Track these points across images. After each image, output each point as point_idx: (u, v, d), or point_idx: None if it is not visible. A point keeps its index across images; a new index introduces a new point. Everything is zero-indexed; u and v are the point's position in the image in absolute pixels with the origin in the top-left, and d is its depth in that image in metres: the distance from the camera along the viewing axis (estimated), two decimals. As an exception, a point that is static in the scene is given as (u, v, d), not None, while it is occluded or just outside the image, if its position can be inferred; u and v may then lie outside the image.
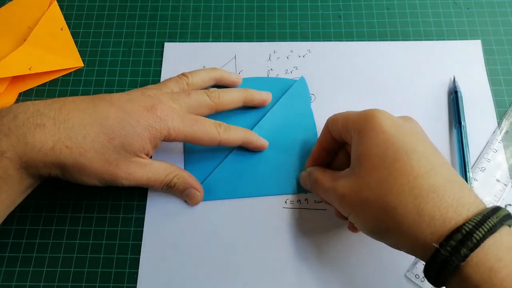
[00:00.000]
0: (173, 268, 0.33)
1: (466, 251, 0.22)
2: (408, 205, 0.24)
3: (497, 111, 0.39)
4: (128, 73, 0.41)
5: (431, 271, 0.24)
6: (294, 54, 0.42)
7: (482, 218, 0.23)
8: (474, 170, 0.36)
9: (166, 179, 0.33)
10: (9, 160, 0.27)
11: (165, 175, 0.33)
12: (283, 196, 0.36)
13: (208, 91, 0.35)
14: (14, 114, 0.28)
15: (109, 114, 0.30)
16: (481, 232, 0.22)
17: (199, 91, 0.35)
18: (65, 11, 0.44)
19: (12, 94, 0.40)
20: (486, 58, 0.41)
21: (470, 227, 0.22)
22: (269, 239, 0.34)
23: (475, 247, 0.22)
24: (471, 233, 0.22)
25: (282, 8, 0.44)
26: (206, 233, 0.34)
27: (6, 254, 0.34)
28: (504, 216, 0.23)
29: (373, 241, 0.32)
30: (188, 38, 0.43)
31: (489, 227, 0.22)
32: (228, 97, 0.36)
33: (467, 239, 0.22)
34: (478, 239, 0.22)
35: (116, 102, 0.31)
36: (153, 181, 0.32)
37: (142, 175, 0.32)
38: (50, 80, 0.41)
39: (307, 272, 0.33)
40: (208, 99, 0.35)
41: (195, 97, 0.34)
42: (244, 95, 0.37)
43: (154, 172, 0.32)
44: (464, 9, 0.44)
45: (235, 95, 0.37)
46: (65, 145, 0.28)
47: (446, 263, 0.23)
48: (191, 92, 0.34)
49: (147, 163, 0.32)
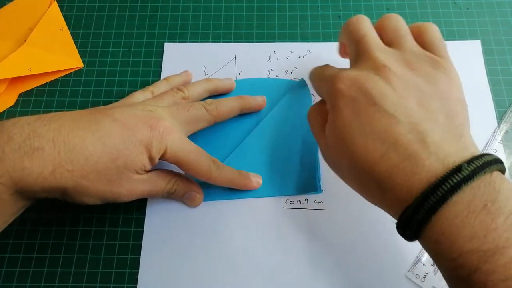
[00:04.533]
0: (173, 268, 0.33)
1: (410, 233, 0.23)
2: (375, 192, 0.26)
3: (497, 111, 0.39)
4: (128, 73, 0.41)
5: (406, 218, 0.24)
6: (294, 55, 0.42)
7: (425, 194, 0.22)
8: (474, 170, 0.36)
9: (167, 188, 0.33)
10: (2, 185, 0.26)
11: (165, 184, 0.33)
12: (283, 196, 0.36)
13: (205, 103, 0.35)
14: (9, 135, 0.26)
15: (113, 132, 0.29)
16: (420, 214, 0.23)
17: (197, 105, 0.35)
18: (65, 12, 0.44)
19: (12, 94, 0.40)
20: (485, 58, 0.41)
21: (412, 208, 0.23)
22: (269, 239, 0.34)
23: (419, 227, 0.23)
24: (412, 215, 0.23)
25: (282, 9, 0.44)
26: (206, 233, 0.34)
27: (6, 255, 0.34)
28: (453, 186, 0.22)
29: (374, 241, 0.32)
30: (188, 38, 0.43)
31: (430, 205, 0.22)
32: (225, 108, 0.36)
33: (410, 221, 0.23)
34: (418, 221, 0.23)
35: (120, 117, 0.30)
36: (155, 192, 0.32)
37: (144, 190, 0.31)
38: (50, 81, 0.41)
39: (307, 272, 0.33)
40: (207, 113, 0.35)
41: (194, 112, 0.34)
42: (241, 104, 0.37)
43: (154, 184, 0.32)
44: (463, 9, 0.44)
45: (232, 104, 0.37)
46: (66, 169, 0.27)
47: (420, 206, 0.23)
48: (190, 108, 0.34)
49: (146, 177, 0.31)
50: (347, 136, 0.26)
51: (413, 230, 0.23)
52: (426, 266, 0.33)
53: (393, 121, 0.25)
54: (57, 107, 0.40)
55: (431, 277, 0.32)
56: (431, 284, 0.32)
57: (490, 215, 0.21)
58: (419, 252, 0.33)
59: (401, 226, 0.24)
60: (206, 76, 0.41)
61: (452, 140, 0.25)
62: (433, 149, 0.24)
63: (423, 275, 0.32)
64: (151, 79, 0.41)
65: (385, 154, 0.25)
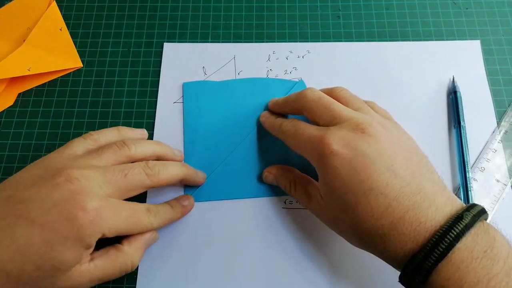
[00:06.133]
0: (172, 269, 0.33)
1: (420, 279, 0.24)
2: (377, 244, 0.26)
3: (496, 111, 0.39)
4: (127, 73, 0.41)
5: (415, 265, 0.25)
6: (293, 55, 0.42)
7: (434, 242, 0.24)
8: (473, 170, 0.36)
9: (121, 268, 0.29)
10: None
11: (118, 267, 0.29)
12: (283, 196, 0.36)
13: (147, 167, 0.30)
14: None
15: (32, 240, 0.25)
16: (431, 260, 0.23)
17: (137, 169, 0.30)
18: (64, 12, 0.44)
19: (11, 94, 0.40)
20: (485, 58, 0.41)
21: (422, 255, 0.24)
22: (268, 239, 0.34)
23: (428, 273, 0.24)
24: (422, 262, 0.24)
25: (281, 9, 0.44)
26: (205, 233, 0.34)
27: None
28: (458, 233, 0.24)
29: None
30: (187, 38, 0.43)
31: (440, 252, 0.23)
32: (167, 176, 0.31)
33: (420, 268, 0.24)
34: (428, 267, 0.24)
35: (36, 216, 0.25)
36: (108, 277, 0.29)
37: (92, 279, 0.28)
38: (49, 81, 0.41)
39: (307, 273, 0.33)
40: (147, 178, 0.30)
41: (131, 179, 0.29)
42: (185, 174, 0.33)
43: (103, 270, 0.28)
44: (463, 9, 0.44)
45: (176, 172, 0.32)
46: None
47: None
48: (128, 173, 0.29)
49: (91, 267, 0.28)
50: (348, 194, 0.27)
51: (422, 276, 0.24)
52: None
53: (393, 176, 0.26)
54: (56, 107, 0.40)
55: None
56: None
57: (490, 260, 0.23)
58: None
59: (409, 273, 0.25)
60: (205, 76, 0.41)
61: (440, 191, 0.27)
62: (431, 199, 0.26)
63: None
64: (150, 79, 0.41)
65: (389, 207, 0.26)
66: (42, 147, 0.38)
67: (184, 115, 0.39)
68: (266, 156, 0.37)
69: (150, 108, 0.39)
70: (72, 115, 0.39)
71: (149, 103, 0.40)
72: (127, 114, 0.39)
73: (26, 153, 0.38)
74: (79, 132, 0.38)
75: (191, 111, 0.39)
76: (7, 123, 0.39)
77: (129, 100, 0.40)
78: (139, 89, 0.40)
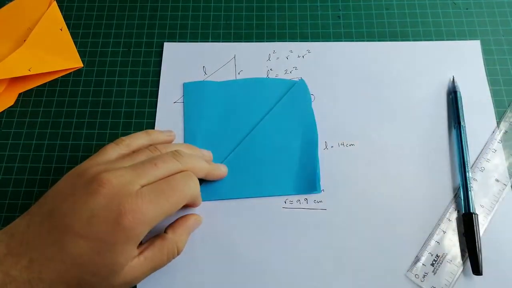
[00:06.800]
0: (172, 268, 0.33)
1: None
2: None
3: (496, 111, 0.39)
4: (128, 73, 0.41)
5: None
6: (294, 54, 0.42)
7: None
8: (473, 170, 0.36)
9: (169, 255, 0.30)
10: None
11: (166, 254, 0.30)
12: (283, 196, 0.36)
13: (175, 155, 0.31)
14: None
15: (82, 252, 0.26)
16: None
17: (166, 157, 0.30)
18: (65, 12, 0.44)
19: (12, 94, 0.40)
20: (485, 58, 0.41)
21: None
22: (268, 239, 0.34)
23: None
24: None
25: (281, 9, 0.44)
26: (205, 233, 0.34)
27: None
28: None
29: (373, 241, 0.32)
30: (188, 38, 0.43)
31: None
32: (194, 165, 0.31)
33: None
34: None
35: (81, 229, 0.26)
36: (156, 267, 0.30)
37: (144, 272, 0.29)
38: (49, 81, 0.41)
39: (307, 272, 0.33)
40: (180, 165, 0.30)
41: (163, 166, 0.29)
42: (209, 169, 0.33)
43: (152, 261, 0.29)
44: (463, 9, 0.44)
45: (203, 165, 0.33)
46: None
47: None
48: (157, 162, 0.29)
49: (141, 260, 0.28)
50: None
51: None
52: (426, 266, 0.33)
53: None
54: (56, 107, 0.40)
55: (430, 277, 0.32)
56: (430, 284, 0.32)
57: None
58: (419, 252, 0.33)
59: None
60: (205, 76, 0.41)
61: None
62: None
63: (423, 275, 0.32)
64: (150, 79, 0.41)
65: None
66: (43, 147, 0.38)
67: (185, 115, 0.39)
68: (266, 156, 0.37)
69: (151, 108, 0.39)
70: (73, 115, 0.39)
71: (149, 103, 0.40)
72: (127, 114, 0.39)
73: (27, 153, 0.38)
74: (79, 132, 0.39)
75: (191, 111, 0.39)
76: (8, 123, 0.39)
77: (129, 100, 0.40)
78: (140, 89, 0.40)
